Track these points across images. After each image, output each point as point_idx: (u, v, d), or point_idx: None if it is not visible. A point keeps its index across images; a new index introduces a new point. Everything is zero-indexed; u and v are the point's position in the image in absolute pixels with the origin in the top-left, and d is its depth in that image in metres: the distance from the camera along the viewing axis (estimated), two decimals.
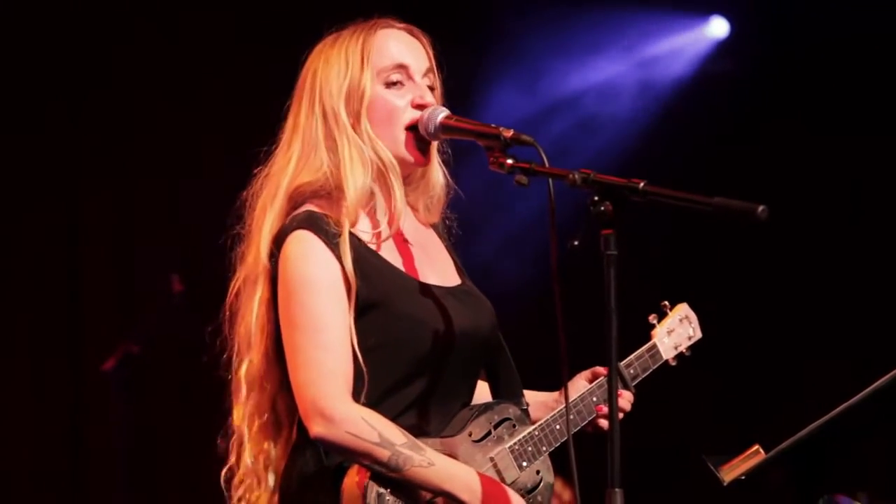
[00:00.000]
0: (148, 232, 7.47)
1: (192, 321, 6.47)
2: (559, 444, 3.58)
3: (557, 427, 3.58)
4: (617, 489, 3.02)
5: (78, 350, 7.35)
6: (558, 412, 3.59)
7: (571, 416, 3.61)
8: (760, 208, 2.95)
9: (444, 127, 3.49)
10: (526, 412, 3.64)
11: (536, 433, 3.56)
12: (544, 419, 3.58)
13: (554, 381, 3.62)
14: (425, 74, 3.58)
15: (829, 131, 7.73)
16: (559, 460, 3.50)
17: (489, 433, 3.50)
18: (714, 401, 7.66)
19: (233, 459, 3.55)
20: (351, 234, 3.45)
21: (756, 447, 3.52)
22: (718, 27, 7.98)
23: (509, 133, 3.35)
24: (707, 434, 7.27)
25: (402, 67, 3.54)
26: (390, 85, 3.54)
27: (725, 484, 3.51)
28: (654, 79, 7.92)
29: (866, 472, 3.66)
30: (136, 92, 7.41)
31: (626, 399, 3.73)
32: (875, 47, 7.64)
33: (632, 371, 3.80)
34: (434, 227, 3.74)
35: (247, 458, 3.52)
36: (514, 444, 3.53)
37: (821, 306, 7.71)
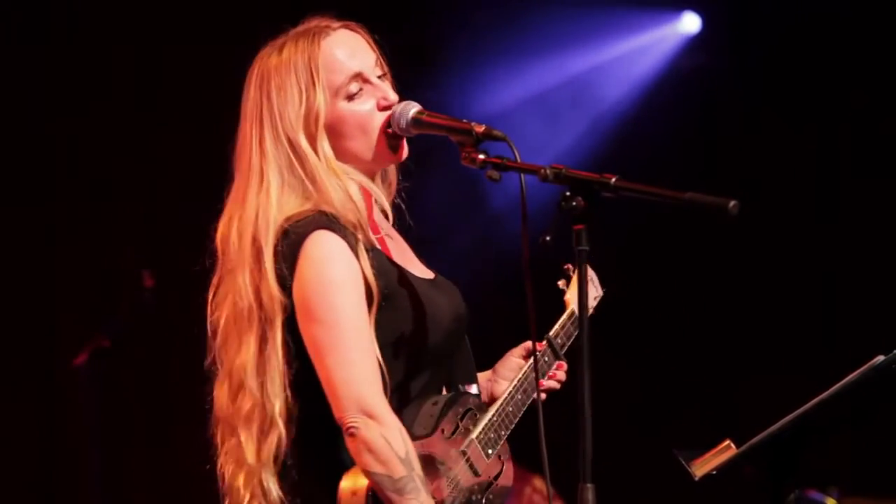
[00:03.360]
0: (120, 227, 7.45)
1: (162, 317, 6.49)
2: (514, 425, 3.62)
3: (510, 409, 3.62)
4: (589, 484, 3.03)
5: (50, 345, 7.33)
6: (509, 395, 3.64)
7: (519, 396, 3.64)
8: (732, 203, 2.96)
9: (415, 122, 3.47)
10: (479, 397, 3.65)
11: (495, 419, 3.59)
12: (498, 404, 3.61)
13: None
14: (375, 66, 3.54)
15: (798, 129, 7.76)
16: (532, 452, 3.50)
17: (457, 427, 3.51)
18: (682, 395, 7.66)
19: (228, 469, 3.42)
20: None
21: (727, 442, 3.53)
22: (690, 23, 7.98)
23: (481, 128, 3.34)
24: (674, 429, 7.27)
25: (357, 76, 3.49)
26: (352, 97, 3.49)
27: (697, 479, 3.52)
28: (626, 75, 7.92)
29: (837, 468, 3.68)
30: (112, 87, 7.39)
31: (562, 370, 3.80)
32: (849, 36, 7.64)
33: (559, 341, 3.83)
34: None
35: (249, 459, 3.37)
36: (480, 433, 3.54)
37: (781, 302, 7.71)
